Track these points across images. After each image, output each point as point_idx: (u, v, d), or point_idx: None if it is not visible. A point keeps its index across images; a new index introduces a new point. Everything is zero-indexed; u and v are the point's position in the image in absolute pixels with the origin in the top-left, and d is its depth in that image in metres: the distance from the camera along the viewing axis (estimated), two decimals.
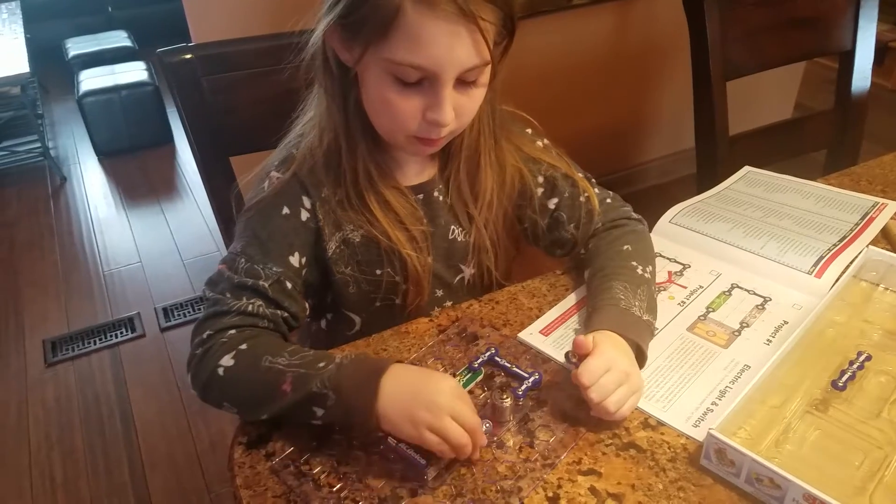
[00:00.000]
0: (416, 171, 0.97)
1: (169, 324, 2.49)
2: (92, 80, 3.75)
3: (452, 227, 0.99)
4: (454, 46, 0.75)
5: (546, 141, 1.05)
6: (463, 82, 0.80)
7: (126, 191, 3.47)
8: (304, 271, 0.91)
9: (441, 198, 0.98)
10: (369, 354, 0.81)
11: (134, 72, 3.84)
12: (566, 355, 0.87)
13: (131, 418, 2.12)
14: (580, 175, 1.04)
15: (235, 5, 1.90)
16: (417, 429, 0.71)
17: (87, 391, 2.23)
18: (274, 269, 0.86)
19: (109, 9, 5.35)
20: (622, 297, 0.89)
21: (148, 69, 3.88)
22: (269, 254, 0.87)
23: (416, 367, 0.80)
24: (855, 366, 0.83)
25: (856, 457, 0.72)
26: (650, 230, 1.11)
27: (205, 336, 0.82)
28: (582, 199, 1.02)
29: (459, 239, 1.00)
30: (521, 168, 1.00)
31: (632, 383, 0.78)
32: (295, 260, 0.89)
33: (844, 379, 0.81)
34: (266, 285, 0.85)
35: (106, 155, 3.78)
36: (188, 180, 3.50)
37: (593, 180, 1.06)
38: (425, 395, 0.72)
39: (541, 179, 1.02)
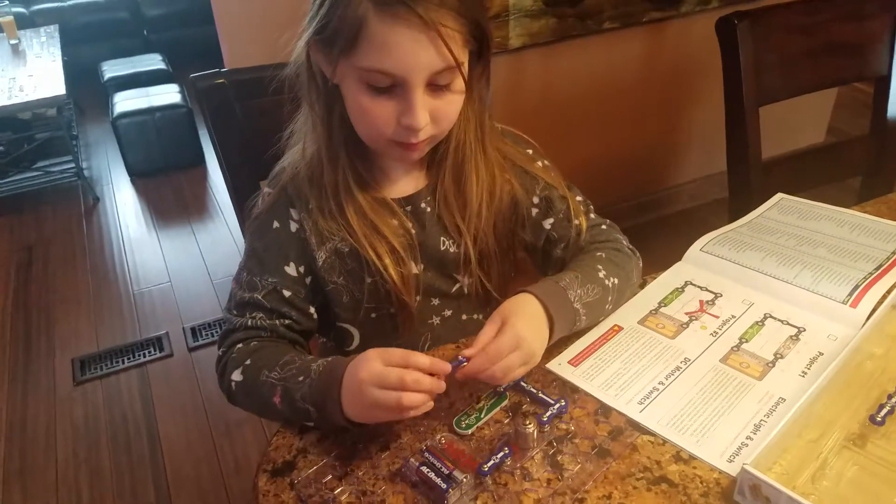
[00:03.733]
0: (405, 182, 0.99)
1: (197, 343, 2.50)
2: (126, 101, 3.82)
3: (442, 238, 1.00)
4: (417, 52, 0.78)
5: (546, 162, 1.06)
6: (436, 87, 0.83)
7: (157, 211, 3.52)
8: (306, 279, 0.96)
9: (429, 209, 0.99)
10: (335, 359, 0.81)
11: (168, 94, 3.90)
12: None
13: (158, 438, 2.13)
14: (579, 199, 1.05)
15: (268, 30, 1.92)
16: (370, 412, 0.76)
17: (114, 410, 2.25)
18: (269, 279, 0.93)
19: (145, 32, 5.47)
20: (566, 279, 0.91)
21: (181, 92, 3.95)
22: (265, 266, 0.94)
23: (360, 360, 0.78)
24: (894, 400, 0.80)
25: (895, 494, 0.70)
26: (682, 258, 1.10)
27: (220, 353, 0.93)
28: (576, 221, 1.03)
29: (451, 250, 1.00)
30: (514, 183, 1.01)
31: (523, 351, 0.80)
32: (291, 269, 0.95)
33: (883, 413, 0.78)
34: (260, 297, 0.92)
35: (138, 175, 3.83)
36: (219, 201, 3.54)
37: (591, 206, 1.07)
38: (352, 386, 0.76)
39: (536, 200, 1.03)
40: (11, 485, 2.00)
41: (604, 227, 1.06)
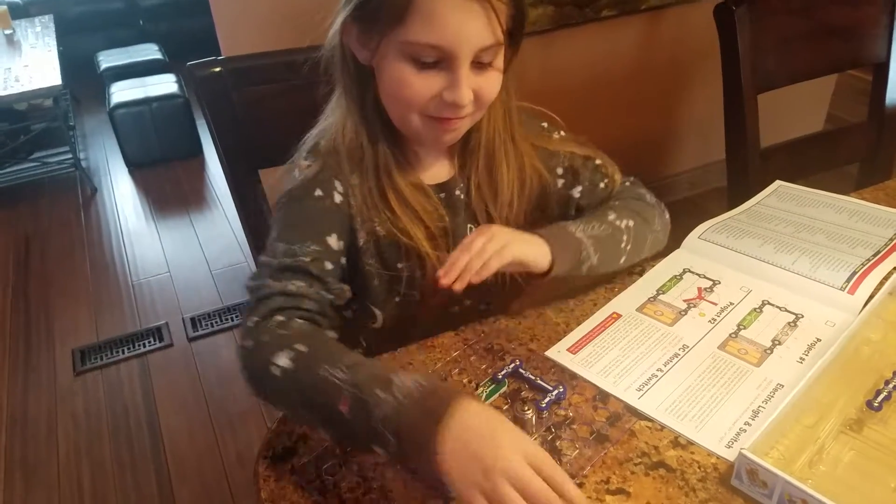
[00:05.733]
0: (437, 169, 0.98)
1: (196, 333, 2.50)
2: (123, 92, 3.81)
3: (470, 226, 1.00)
4: (467, 24, 0.77)
5: (563, 133, 1.06)
6: (479, 65, 0.82)
7: (155, 202, 3.52)
8: (342, 258, 0.91)
9: (462, 196, 0.99)
10: (433, 385, 0.67)
11: (164, 84, 3.89)
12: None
13: (159, 430, 2.13)
14: (607, 158, 1.08)
15: (264, 19, 1.92)
16: (470, 493, 0.61)
17: (115, 401, 2.25)
18: (312, 247, 0.86)
19: (141, 22, 5.44)
20: (570, 221, 0.95)
21: (178, 82, 3.94)
22: (305, 234, 0.87)
23: (482, 415, 0.65)
24: (891, 385, 0.81)
25: (892, 478, 0.70)
26: (680, 245, 1.10)
27: (251, 325, 0.79)
28: (602, 185, 1.06)
29: None
30: (540, 169, 1.01)
31: (496, 240, 0.83)
32: (333, 241, 0.89)
33: (880, 399, 0.79)
34: (307, 261, 0.84)
35: (136, 166, 3.83)
36: (217, 191, 3.53)
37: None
38: (485, 459, 0.61)
39: (560, 171, 1.04)
40: (14, 477, 2.01)
41: (627, 183, 1.10)
